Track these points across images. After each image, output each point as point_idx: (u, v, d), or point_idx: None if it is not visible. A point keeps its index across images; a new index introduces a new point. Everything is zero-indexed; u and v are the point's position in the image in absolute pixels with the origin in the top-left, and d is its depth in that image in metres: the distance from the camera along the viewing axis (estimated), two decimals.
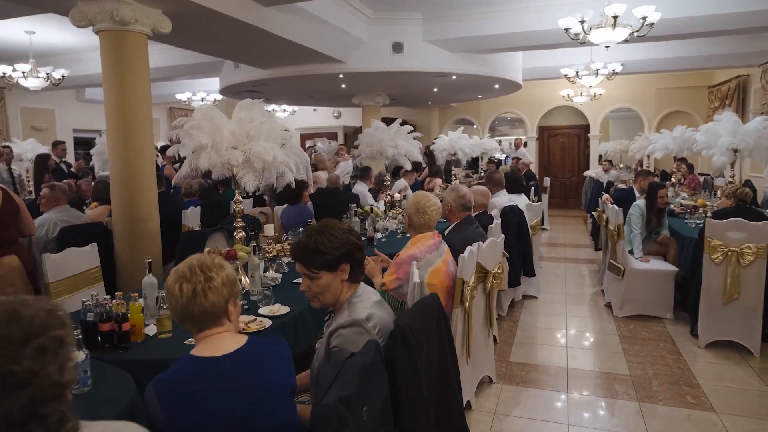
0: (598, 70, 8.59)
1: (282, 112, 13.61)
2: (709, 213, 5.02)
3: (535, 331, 4.57)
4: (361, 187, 6.69)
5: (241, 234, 3.13)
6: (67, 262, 3.27)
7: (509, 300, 5.00)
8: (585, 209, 10.93)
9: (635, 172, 8.25)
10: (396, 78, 8.31)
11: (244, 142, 2.90)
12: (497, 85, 9.72)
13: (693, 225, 5.17)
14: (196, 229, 5.25)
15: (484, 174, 7.72)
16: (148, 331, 2.37)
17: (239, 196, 3.16)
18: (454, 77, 8.38)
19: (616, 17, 5.19)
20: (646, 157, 10.29)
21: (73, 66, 8.25)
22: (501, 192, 5.36)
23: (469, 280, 2.87)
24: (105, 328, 2.16)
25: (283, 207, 5.46)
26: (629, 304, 4.75)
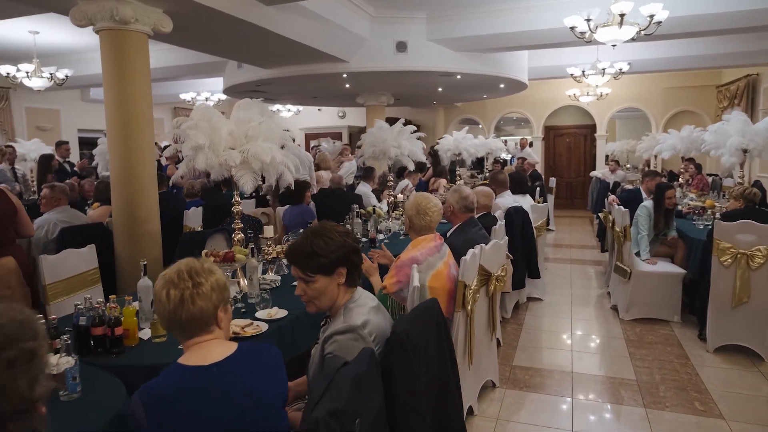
0: (604, 70, 8.51)
1: (287, 112, 13.60)
2: (717, 214, 4.94)
3: (539, 334, 4.50)
4: (364, 188, 6.63)
5: (239, 236, 3.09)
6: (64, 264, 3.24)
7: (513, 302, 4.93)
8: (591, 210, 10.84)
9: (642, 173, 8.16)
10: (400, 77, 8.25)
11: (243, 142, 2.85)
12: (502, 85, 9.64)
13: (701, 226, 5.09)
14: (197, 230, 5.21)
15: (489, 174, 7.66)
16: (142, 335, 2.33)
17: (238, 197, 3.11)
18: (458, 77, 8.31)
19: (622, 15, 5.11)
20: (654, 157, 10.20)
21: (77, 66, 8.25)
22: (505, 193, 5.30)
23: (471, 284, 2.81)
24: (97, 332, 2.12)
25: (285, 208, 5.42)
26: (636, 306, 4.67)
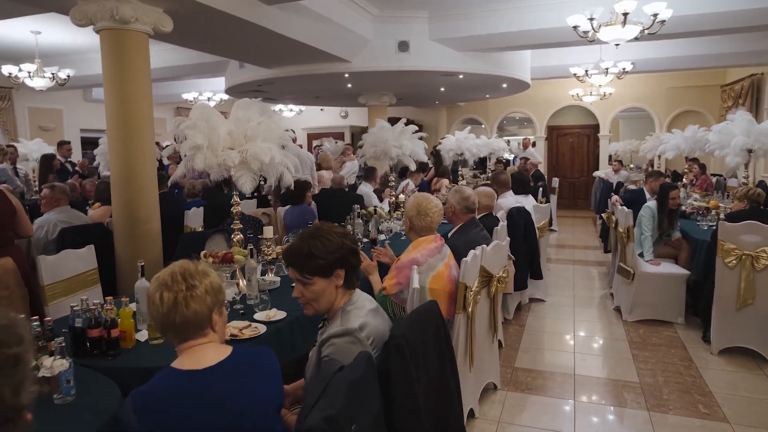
0: (607, 69, 8.46)
1: (289, 112, 13.58)
2: (721, 215, 4.89)
3: (541, 335, 4.46)
4: (365, 188, 6.61)
5: (238, 236, 3.06)
6: (63, 265, 3.22)
7: (516, 303, 4.89)
8: (594, 210, 10.79)
9: (646, 173, 8.11)
10: (402, 77, 8.22)
11: (241, 142, 2.83)
12: (505, 85, 9.60)
13: (705, 227, 5.04)
14: (196, 230, 5.19)
15: (491, 174, 7.61)
16: (139, 337, 2.30)
17: (237, 198, 3.09)
18: (461, 76, 8.28)
19: (626, 14, 5.07)
20: (657, 157, 10.13)
21: (80, 66, 8.25)
22: (507, 193, 5.26)
23: (472, 285, 2.78)
24: (93, 334, 2.09)
25: (285, 208, 5.40)
26: (639, 308, 4.63)
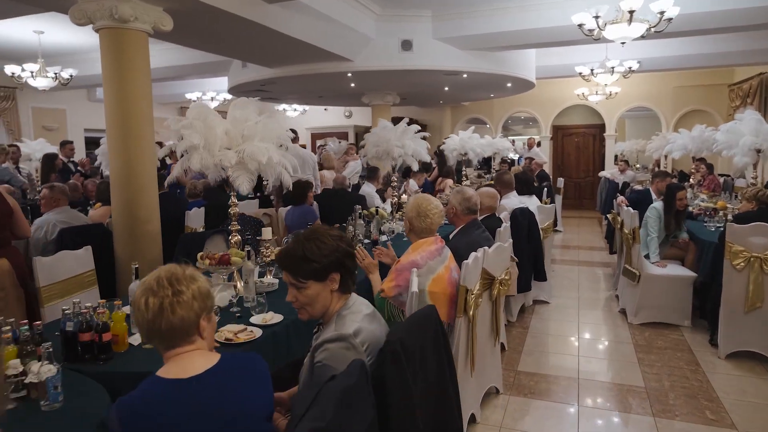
0: (613, 68, 8.37)
1: (293, 111, 13.55)
2: (729, 216, 4.81)
3: (545, 338, 4.40)
4: (368, 188, 6.56)
5: (236, 238, 3.02)
6: (59, 266, 3.18)
7: (519, 305, 4.83)
8: (600, 211, 10.70)
9: (652, 173, 8.01)
10: (405, 76, 8.16)
11: (239, 142, 2.78)
12: (510, 84, 9.52)
13: (713, 228, 4.95)
14: (196, 231, 5.15)
15: (494, 174, 7.55)
16: (132, 341, 2.26)
17: (235, 198, 3.04)
18: (465, 75, 8.21)
19: (632, 12, 4.99)
20: (664, 157, 10.04)
21: (82, 66, 8.24)
22: (511, 193, 5.19)
23: (473, 288, 2.72)
24: (85, 338, 2.05)
25: (287, 208, 5.36)
26: (645, 310, 4.55)
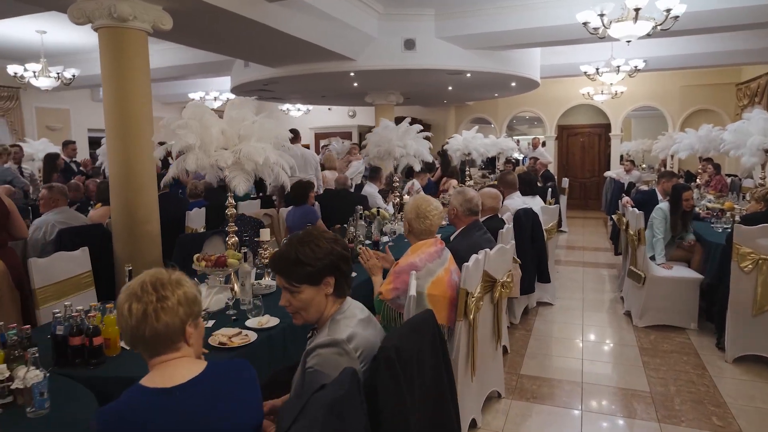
0: (619, 67, 8.28)
1: (296, 111, 13.52)
2: (736, 217, 4.73)
3: (549, 340, 4.33)
4: (370, 188, 6.51)
5: (233, 239, 2.97)
6: (55, 267, 3.14)
7: (522, 307, 4.76)
8: (605, 211, 10.59)
9: (658, 173, 7.92)
10: (408, 76, 8.10)
11: (235, 142, 2.74)
12: (514, 83, 9.45)
13: (720, 230, 4.87)
14: (194, 232, 5.11)
15: (498, 174, 7.48)
16: (125, 345, 2.22)
17: (232, 199, 3.00)
18: (468, 75, 8.14)
19: (637, 10, 4.91)
20: (670, 157, 9.93)
21: (85, 65, 8.23)
22: (514, 194, 5.13)
23: (474, 291, 2.66)
24: (75, 342, 2.02)
25: (288, 209, 5.32)
26: (650, 313, 4.48)
